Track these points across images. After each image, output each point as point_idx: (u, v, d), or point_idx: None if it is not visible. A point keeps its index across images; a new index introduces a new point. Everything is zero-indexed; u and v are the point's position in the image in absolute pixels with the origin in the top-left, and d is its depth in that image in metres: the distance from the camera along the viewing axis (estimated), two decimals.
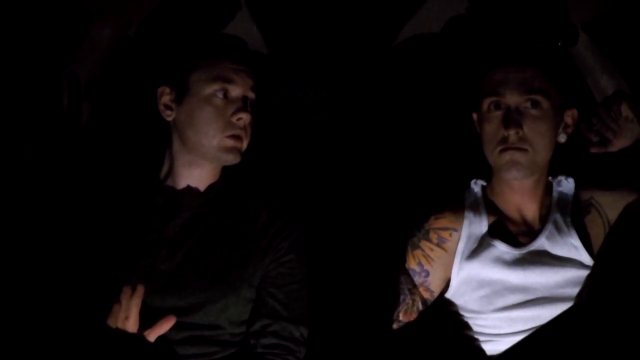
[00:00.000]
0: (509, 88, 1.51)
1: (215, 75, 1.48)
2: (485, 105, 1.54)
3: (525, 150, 1.50)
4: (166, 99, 1.52)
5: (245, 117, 1.49)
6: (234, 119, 1.48)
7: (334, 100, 1.88)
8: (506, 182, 1.56)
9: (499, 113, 1.52)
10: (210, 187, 1.54)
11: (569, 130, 1.58)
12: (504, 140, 1.50)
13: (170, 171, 1.53)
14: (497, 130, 1.51)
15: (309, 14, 1.83)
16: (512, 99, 1.51)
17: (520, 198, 1.57)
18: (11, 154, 1.48)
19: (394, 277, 1.59)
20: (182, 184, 1.52)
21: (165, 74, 1.54)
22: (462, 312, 1.55)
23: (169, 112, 1.52)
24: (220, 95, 1.48)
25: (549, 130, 1.52)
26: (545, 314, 1.42)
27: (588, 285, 1.46)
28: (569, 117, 1.57)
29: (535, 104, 1.51)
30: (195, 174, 1.52)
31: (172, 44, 1.66)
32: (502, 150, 1.51)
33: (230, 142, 1.49)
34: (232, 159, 1.51)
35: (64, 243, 1.46)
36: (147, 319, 1.35)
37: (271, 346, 1.45)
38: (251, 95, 1.52)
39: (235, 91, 1.50)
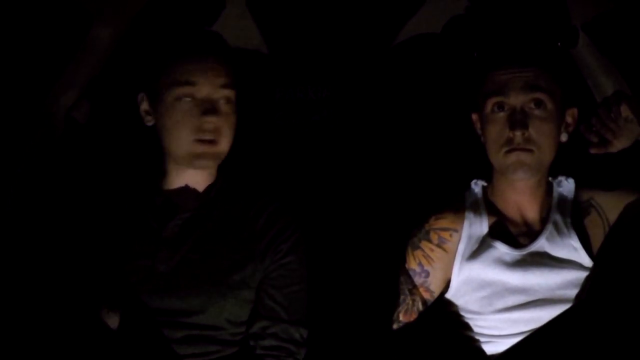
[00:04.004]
0: (513, 88, 1.50)
1: (177, 79, 1.43)
2: (488, 106, 1.53)
3: (531, 150, 1.49)
4: (144, 105, 1.50)
5: (213, 120, 1.44)
6: (201, 122, 1.43)
7: (334, 100, 1.88)
8: (508, 182, 1.56)
9: (503, 114, 1.51)
10: (209, 188, 1.53)
11: (570, 129, 1.57)
12: (510, 141, 1.50)
13: (167, 172, 1.52)
14: (502, 132, 1.51)
15: (309, 14, 1.83)
16: (517, 99, 1.50)
17: (521, 199, 1.57)
18: (11, 154, 1.48)
19: (394, 278, 1.59)
20: (179, 185, 1.51)
21: (141, 80, 1.52)
22: (462, 313, 1.55)
23: (148, 118, 1.50)
24: (187, 99, 1.44)
25: (553, 130, 1.52)
26: (546, 315, 1.42)
27: (588, 286, 1.47)
28: (570, 116, 1.57)
29: (539, 104, 1.50)
30: (188, 176, 1.51)
31: (146, 47, 1.61)
32: (508, 152, 1.50)
33: (200, 148, 1.44)
34: (204, 165, 1.47)
35: (63, 243, 1.45)
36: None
37: (271, 348, 1.44)
38: (222, 94, 1.45)
39: (201, 93, 1.44)
